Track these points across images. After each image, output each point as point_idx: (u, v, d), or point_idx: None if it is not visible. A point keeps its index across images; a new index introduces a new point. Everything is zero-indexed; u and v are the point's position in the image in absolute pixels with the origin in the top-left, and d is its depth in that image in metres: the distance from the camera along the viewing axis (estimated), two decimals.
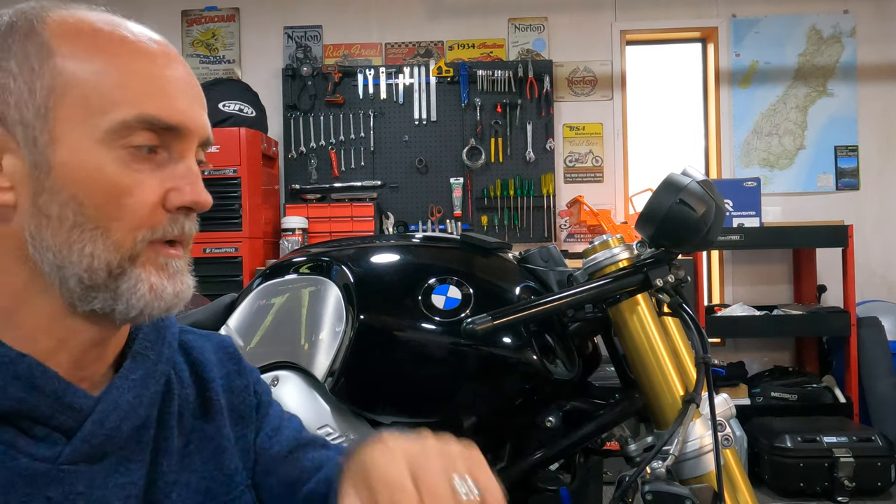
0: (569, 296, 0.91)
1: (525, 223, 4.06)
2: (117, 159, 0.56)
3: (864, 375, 3.49)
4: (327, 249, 1.21)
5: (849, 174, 4.11)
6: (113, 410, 0.60)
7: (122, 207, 0.56)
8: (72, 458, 0.57)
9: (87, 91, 0.56)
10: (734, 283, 4.13)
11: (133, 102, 0.56)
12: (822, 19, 4.12)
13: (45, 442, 0.56)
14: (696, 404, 0.90)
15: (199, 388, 0.72)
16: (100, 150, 0.56)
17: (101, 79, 0.56)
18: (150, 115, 0.56)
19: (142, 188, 0.57)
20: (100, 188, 0.55)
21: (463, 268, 1.09)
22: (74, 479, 0.57)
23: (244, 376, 0.77)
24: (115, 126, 0.56)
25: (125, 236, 0.56)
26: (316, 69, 4.12)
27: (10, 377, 0.55)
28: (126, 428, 0.61)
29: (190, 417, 0.69)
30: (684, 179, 0.94)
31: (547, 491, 1.07)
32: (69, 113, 0.56)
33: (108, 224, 0.56)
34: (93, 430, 0.58)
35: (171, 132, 0.58)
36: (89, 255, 0.56)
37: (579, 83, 4.19)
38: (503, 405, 1.01)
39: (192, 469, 0.67)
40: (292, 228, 3.76)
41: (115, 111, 0.56)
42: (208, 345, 0.76)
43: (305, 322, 1.10)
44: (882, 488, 3.02)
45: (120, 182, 0.56)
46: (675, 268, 0.97)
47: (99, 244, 0.56)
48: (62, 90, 0.56)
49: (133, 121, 0.56)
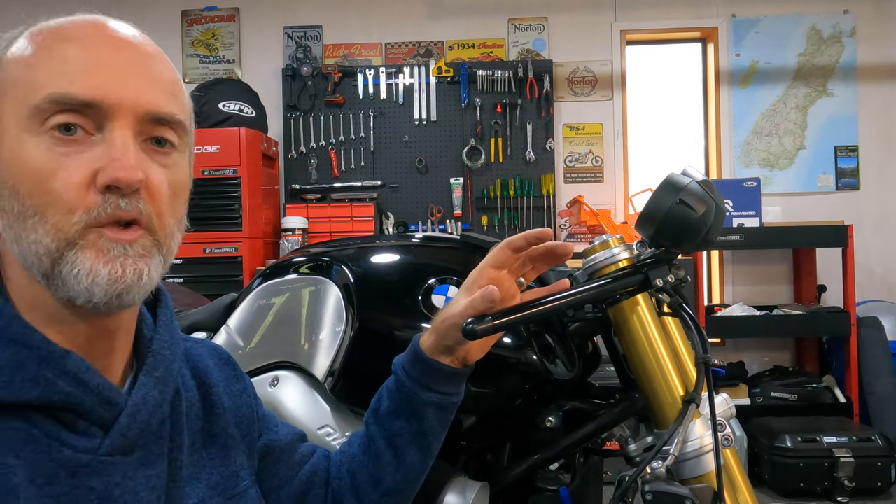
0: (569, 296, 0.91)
1: (525, 223, 4.06)
2: (41, 144, 0.56)
3: (864, 375, 3.49)
4: (327, 249, 1.21)
5: (849, 174, 4.11)
6: (143, 405, 0.62)
7: (49, 192, 0.56)
8: (110, 450, 0.60)
9: (17, 85, 0.57)
10: (734, 283, 4.13)
11: (46, 84, 0.56)
12: (822, 19, 4.12)
13: (85, 435, 0.59)
14: (696, 404, 0.90)
15: (202, 392, 0.75)
16: (26, 138, 0.56)
17: (27, 71, 0.57)
18: (58, 92, 0.56)
19: (67, 170, 0.56)
20: (28, 175, 0.56)
21: (463, 268, 1.08)
22: (112, 470, 0.60)
23: (241, 381, 0.81)
24: (31, 111, 0.56)
25: (61, 220, 0.56)
26: (316, 69, 4.12)
27: (59, 372, 0.57)
28: (153, 422, 0.64)
29: (195, 419, 0.72)
30: (684, 179, 0.94)
31: (547, 491, 1.07)
32: (8, 108, 0.57)
33: (43, 210, 0.56)
34: (128, 423, 0.61)
35: (91, 109, 0.57)
36: (35, 243, 0.56)
37: (579, 83, 4.19)
38: (503, 405, 1.01)
39: (201, 465, 0.71)
40: (292, 228, 3.76)
41: (32, 97, 0.56)
42: (204, 351, 0.79)
43: (305, 322, 1.10)
44: (882, 488, 3.02)
45: (44, 166, 0.56)
46: (675, 268, 0.97)
47: (40, 230, 0.56)
48: (2, 90, 0.58)
49: (42, 102, 0.56)
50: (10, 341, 0.57)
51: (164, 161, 0.61)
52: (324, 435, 1.02)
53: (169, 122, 0.61)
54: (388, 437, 0.82)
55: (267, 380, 1.09)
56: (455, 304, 0.79)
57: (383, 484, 0.83)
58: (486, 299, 0.75)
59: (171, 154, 0.62)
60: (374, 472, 0.83)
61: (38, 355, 0.57)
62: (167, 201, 0.61)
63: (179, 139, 0.63)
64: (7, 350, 0.57)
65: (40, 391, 0.56)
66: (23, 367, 0.56)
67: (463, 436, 1.01)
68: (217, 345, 0.84)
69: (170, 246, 0.62)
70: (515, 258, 0.81)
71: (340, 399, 1.04)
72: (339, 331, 1.04)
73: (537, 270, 0.85)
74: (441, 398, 0.80)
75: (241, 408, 0.79)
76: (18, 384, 0.56)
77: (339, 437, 1.03)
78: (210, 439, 0.73)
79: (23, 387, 0.56)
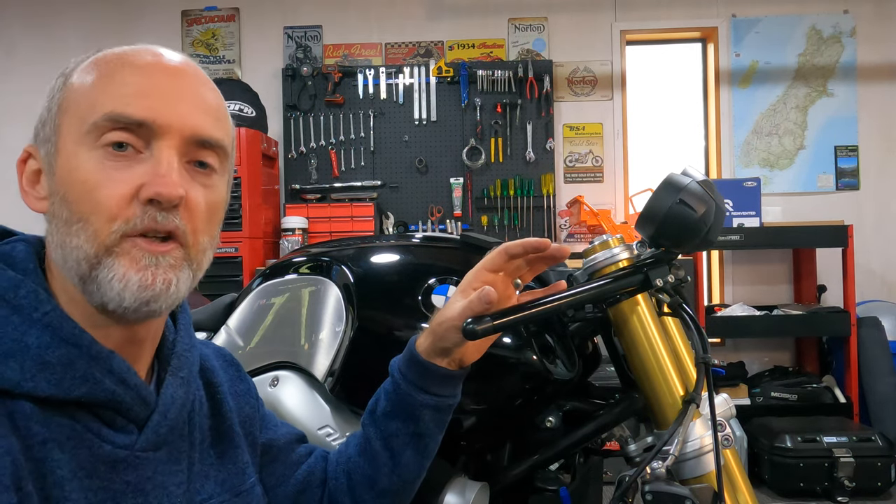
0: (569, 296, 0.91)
1: (525, 223, 4.06)
2: (94, 158, 0.61)
3: (864, 375, 3.49)
4: (327, 249, 1.21)
5: (849, 174, 4.11)
6: (171, 404, 0.67)
7: (94, 201, 0.60)
8: (144, 446, 0.64)
9: (79, 103, 0.63)
10: (734, 283, 4.13)
11: (105, 104, 0.62)
12: (822, 19, 4.12)
13: (123, 432, 0.63)
14: (696, 404, 0.90)
15: (209, 392, 0.78)
16: (81, 152, 0.62)
17: (90, 91, 0.63)
18: (115, 112, 0.61)
19: (113, 182, 0.61)
20: (78, 185, 0.61)
21: (463, 268, 1.08)
22: (146, 464, 0.64)
23: (244, 381, 0.85)
24: (89, 127, 0.61)
25: (101, 227, 0.60)
26: (316, 69, 4.12)
27: (106, 371, 0.61)
28: (180, 420, 0.68)
29: (204, 417, 0.75)
30: (684, 179, 0.94)
31: (547, 491, 1.07)
32: (68, 124, 0.63)
33: (87, 217, 0.60)
34: (159, 421, 0.65)
35: (142, 128, 0.62)
36: (76, 248, 0.61)
37: (579, 83, 4.19)
38: (503, 405, 1.01)
39: (209, 463, 0.74)
40: (292, 228, 3.76)
41: (91, 115, 0.62)
42: (209, 352, 0.82)
43: (305, 322, 1.10)
44: (882, 488, 3.02)
45: (92, 178, 0.61)
46: (675, 268, 0.97)
47: (82, 236, 0.61)
48: (66, 107, 0.63)
49: (101, 120, 0.61)
50: (63, 341, 0.60)
51: (205, 181, 0.66)
52: (324, 435, 1.02)
53: (212, 145, 0.66)
54: (385, 438, 0.83)
55: (267, 380, 1.09)
56: (451, 306, 0.80)
57: (379, 485, 0.84)
58: (482, 300, 0.76)
59: (211, 176, 0.67)
60: (370, 473, 0.84)
61: (88, 354, 0.60)
62: (203, 219, 0.65)
63: (220, 163, 0.68)
64: (60, 349, 0.60)
65: (88, 388, 0.60)
66: (73, 366, 0.60)
67: (463, 436, 1.01)
68: (221, 347, 0.87)
69: (200, 262, 0.66)
70: (512, 263, 0.82)
71: (340, 399, 1.04)
72: (338, 331, 1.04)
73: (534, 272, 0.86)
74: (437, 400, 0.81)
75: (244, 408, 0.82)
76: (69, 382, 0.59)
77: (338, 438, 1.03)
78: (217, 438, 0.76)
79: (73, 384, 0.59)
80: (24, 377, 0.58)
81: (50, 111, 0.64)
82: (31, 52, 4.20)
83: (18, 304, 0.60)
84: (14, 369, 0.58)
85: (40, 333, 0.59)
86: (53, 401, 0.59)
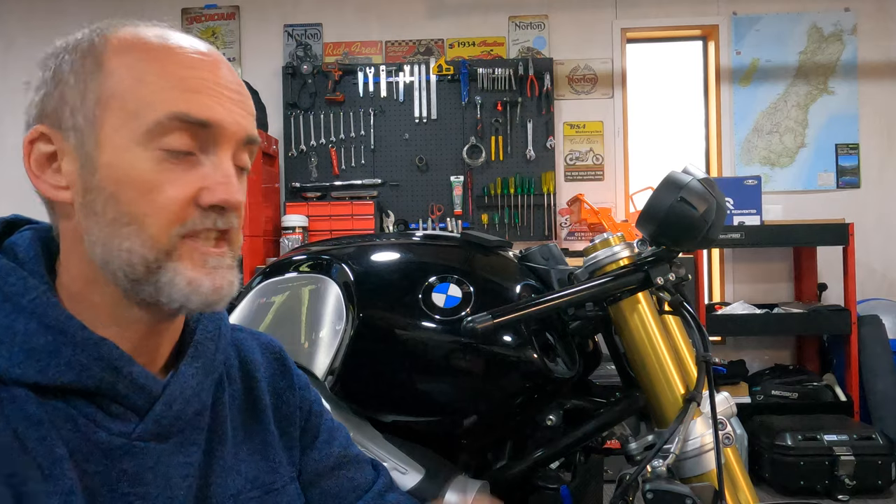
0: (569, 294, 0.91)
1: (525, 221, 4.06)
2: (151, 159, 0.60)
3: (865, 374, 3.48)
4: (327, 248, 1.21)
5: (850, 172, 4.11)
6: (179, 394, 0.65)
7: (152, 203, 0.60)
8: (143, 435, 0.62)
9: (127, 97, 0.61)
10: (735, 282, 4.13)
11: (165, 102, 0.60)
12: (822, 17, 4.11)
13: (120, 419, 0.62)
14: (696, 403, 0.90)
15: (246, 385, 0.76)
16: (137, 150, 0.60)
17: (140, 85, 0.61)
18: (181, 111, 0.60)
19: (172, 185, 0.60)
20: (132, 184, 0.60)
21: (463, 266, 1.08)
22: (145, 454, 0.62)
23: (288, 378, 0.82)
24: (151, 126, 0.60)
25: (159, 231, 0.60)
26: (316, 67, 4.12)
27: (93, 357, 0.60)
28: (190, 411, 0.66)
29: (237, 412, 0.74)
30: (685, 177, 0.94)
31: (547, 489, 1.07)
32: (113, 118, 0.61)
33: (142, 219, 0.60)
34: (162, 411, 0.63)
35: (204, 130, 0.62)
36: (127, 251, 0.60)
37: (580, 81, 4.18)
38: (503, 403, 1.01)
39: (240, 458, 0.72)
40: (292, 227, 3.75)
41: (150, 113, 0.60)
42: (256, 344, 0.81)
43: (305, 320, 1.10)
44: (882, 486, 3.02)
45: (151, 179, 0.60)
46: (675, 266, 0.97)
47: (135, 240, 0.60)
48: (107, 98, 0.61)
49: (165, 119, 0.60)
50: (48, 328, 0.60)
51: (243, 182, 0.67)
52: None
53: (252, 145, 0.67)
54: None
55: None
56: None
57: None
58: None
59: (245, 176, 0.67)
60: None
61: (73, 342, 0.60)
62: (243, 218, 0.66)
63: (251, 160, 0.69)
64: (45, 336, 0.59)
65: (75, 375, 0.59)
66: (58, 353, 0.59)
67: (463, 434, 1.01)
68: (274, 340, 0.84)
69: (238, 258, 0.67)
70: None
71: (340, 398, 1.04)
72: (339, 329, 1.04)
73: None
74: None
75: (282, 406, 0.79)
76: (54, 368, 0.59)
77: None
78: (251, 434, 0.75)
79: (58, 371, 0.59)
80: (12, 363, 0.58)
81: (82, 96, 0.61)
82: (30, 49, 4.19)
83: (8, 291, 0.60)
84: (3, 356, 0.58)
85: (27, 320, 0.59)
86: (43, 387, 0.59)
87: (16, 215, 0.69)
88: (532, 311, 0.82)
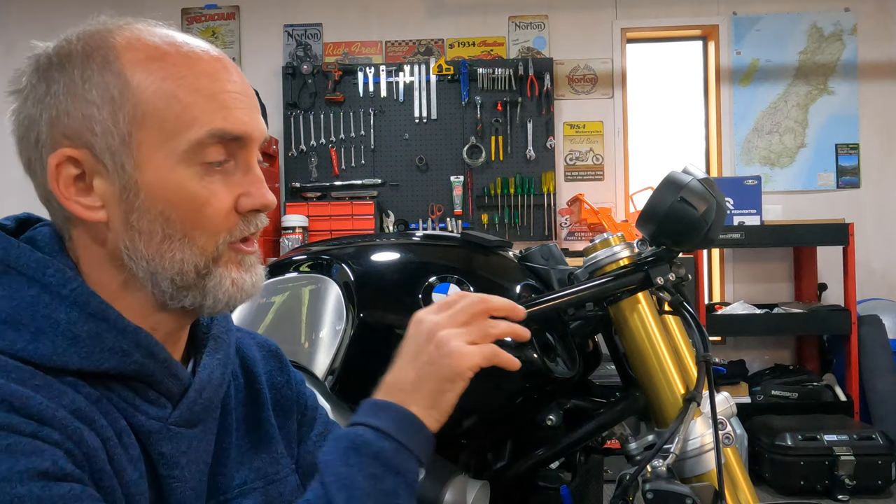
0: (569, 294, 0.91)
1: (525, 221, 4.06)
2: (194, 175, 0.63)
3: (865, 374, 3.49)
4: (328, 248, 1.21)
5: (850, 172, 4.11)
6: (207, 383, 0.68)
7: (202, 217, 0.63)
8: (178, 420, 0.65)
9: (162, 116, 0.62)
10: (735, 282, 4.13)
11: (204, 121, 0.63)
12: (823, 17, 4.11)
13: (155, 404, 0.64)
14: (696, 403, 0.90)
15: (247, 381, 0.79)
16: (180, 169, 0.62)
17: (174, 103, 0.62)
18: (219, 128, 0.63)
19: (217, 197, 0.64)
20: (183, 203, 0.63)
21: (463, 266, 1.08)
22: (180, 438, 0.65)
23: (285, 374, 0.84)
24: (192, 145, 0.62)
25: (208, 241, 0.64)
26: (316, 67, 4.12)
27: (133, 344, 0.63)
28: (215, 400, 0.70)
29: (240, 406, 0.77)
30: (685, 177, 0.94)
31: (548, 489, 1.07)
32: (150, 137, 0.62)
33: (192, 233, 0.63)
34: (195, 398, 0.67)
35: (236, 142, 0.65)
36: (179, 261, 0.63)
37: (580, 81, 4.18)
38: (504, 403, 1.01)
39: (245, 450, 0.75)
40: (292, 227, 3.75)
41: (188, 132, 0.62)
42: (253, 343, 0.84)
43: (306, 320, 1.10)
44: (882, 486, 3.03)
45: (199, 195, 0.63)
46: (675, 266, 0.97)
47: (187, 251, 0.64)
48: (141, 118, 0.62)
49: (205, 137, 0.62)
50: (91, 316, 0.62)
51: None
52: None
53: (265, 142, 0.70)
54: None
55: None
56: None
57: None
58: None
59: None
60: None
61: (115, 328, 0.62)
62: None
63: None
64: (88, 323, 0.61)
65: (118, 361, 0.62)
66: (101, 339, 0.61)
67: (464, 434, 1.01)
68: (267, 338, 0.88)
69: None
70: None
71: (341, 397, 1.04)
72: (339, 329, 1.04)
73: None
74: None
75: (280, 400, 0.82)
76: (98, 354, 0.61)
77: None
78: (254, 427, 0.77)
79: (102, 356, 0.61)
80: (56, 352, 0.59)
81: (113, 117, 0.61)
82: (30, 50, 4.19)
83: (47, 282, 0.61)
84: (47, 345, 0.59)
85: (69, 309, 0.61)
86: (86, 373, 0.61)
87: (28, 213, 0.70)
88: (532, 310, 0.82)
